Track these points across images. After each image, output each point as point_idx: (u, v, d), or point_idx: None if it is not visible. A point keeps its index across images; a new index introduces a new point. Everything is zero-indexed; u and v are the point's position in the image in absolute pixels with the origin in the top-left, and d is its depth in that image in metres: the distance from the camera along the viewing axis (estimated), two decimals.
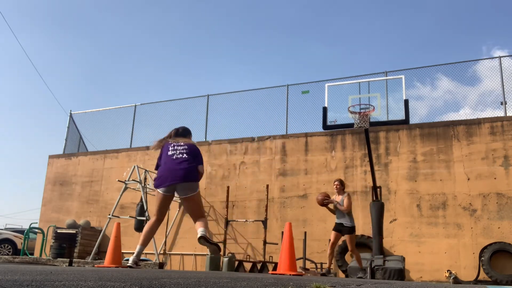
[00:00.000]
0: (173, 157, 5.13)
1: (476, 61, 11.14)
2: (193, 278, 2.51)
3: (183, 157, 5.11)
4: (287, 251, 5.10)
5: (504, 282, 8.56)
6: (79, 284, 1.78)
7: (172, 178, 5.01)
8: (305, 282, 2.60)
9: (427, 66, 11.18)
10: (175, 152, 5.17)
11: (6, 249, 14.70)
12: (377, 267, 8.11)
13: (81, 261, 8.90)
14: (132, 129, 14.24)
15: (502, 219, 9.27)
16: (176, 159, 5.11)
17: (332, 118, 9.06)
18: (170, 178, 5.03)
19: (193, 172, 5.06)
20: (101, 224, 13.08)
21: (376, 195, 8.89)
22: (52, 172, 14.71)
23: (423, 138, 10.38)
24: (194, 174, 5.07)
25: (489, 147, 9.79)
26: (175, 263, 12.04)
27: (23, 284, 1.68)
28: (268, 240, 10.57)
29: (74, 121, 15.40)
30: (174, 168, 5.05)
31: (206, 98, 13.35)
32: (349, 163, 10.89)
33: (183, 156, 5.12)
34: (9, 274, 2.27)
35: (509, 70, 10.38)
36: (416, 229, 9.86)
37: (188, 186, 5.03)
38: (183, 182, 4.99)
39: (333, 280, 3.48)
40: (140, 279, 2.19)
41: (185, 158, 5.11)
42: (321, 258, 10.36)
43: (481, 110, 10.78)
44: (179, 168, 5.03)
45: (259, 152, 11.93)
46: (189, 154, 5.15)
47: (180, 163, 5.07)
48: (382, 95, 10.10)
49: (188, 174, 5.02)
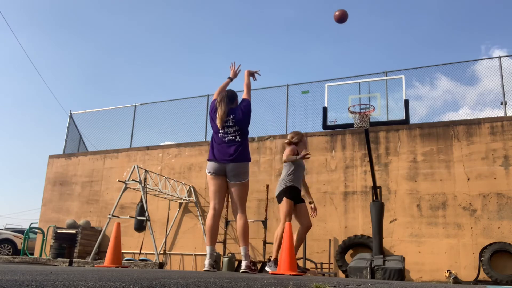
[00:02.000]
0: (225, 140, 4.94)
1: (475, 61, 11.15)
2: (193, 278, 2.51)
3: (236, 140, 4.94)
4: (287, 251, 5.10)
5: (504, 282, 8.56)
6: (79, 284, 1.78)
7: (222, 157, 4.92)
8: (305, 282, 2.60)
9: (426, 66, 11.19)
10: (226, 135, 4.96)
11: (6, 249, 14.70)
12: (377, 267, 8.11)
13: (81, 261, 8.90)
14: (132, 129, 14.25)
15: (502, 219, 9.27)
16: (228, 141, 4.95)
17: (332, 118, 9.06)
18: (220, 157, 4.93)
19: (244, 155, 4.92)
20: (101, 224, 13.08)
21: (376, 195, 8.89)
22: (52, 172, 14.71)
23: (423, 138, 10.38)
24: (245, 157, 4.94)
25: (489, 147, 9.79)
26: (175, 263, 12.04)
27: (23, 284, 1.68)
28: (268, 240, 10.57)
29: (74, 121, 15.41)
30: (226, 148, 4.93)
31: (206, 98, 13.35)
32: (349, 163, 10.89)
33: (236, 139, 4.94)
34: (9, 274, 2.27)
35: (509, 69, 10.38)
36: (416, 229, 9.86)
37: (240, 166, 4.87)
38: (236, 162, 4.86)
39: (333, 280, 3.48)
40: (140, 279, 2.19)
41: (239, 141, 4.93)
42: (321, 258, 10.36)
43: (480, 110, 10.80)
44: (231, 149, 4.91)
45: (259, 152, 11.93)
46: (242, 137, 4.96)
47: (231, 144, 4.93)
48: (382, 95, 10.10)
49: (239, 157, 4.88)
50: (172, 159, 13.04)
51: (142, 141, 14.04)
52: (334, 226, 10.54)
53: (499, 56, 10.56)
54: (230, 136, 4.88)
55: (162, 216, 12.30)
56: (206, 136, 13.03)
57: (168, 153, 13.16)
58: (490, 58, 11.01)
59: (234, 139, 4.87)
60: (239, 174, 4.84)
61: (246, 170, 4.90)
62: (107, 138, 14.62)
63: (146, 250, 12.01)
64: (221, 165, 4.84)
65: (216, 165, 4.87)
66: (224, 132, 4.90)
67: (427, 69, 11.26)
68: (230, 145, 4.84)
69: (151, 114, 14.31)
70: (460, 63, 10.92)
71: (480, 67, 11.09)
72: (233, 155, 4.80)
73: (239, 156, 4.80)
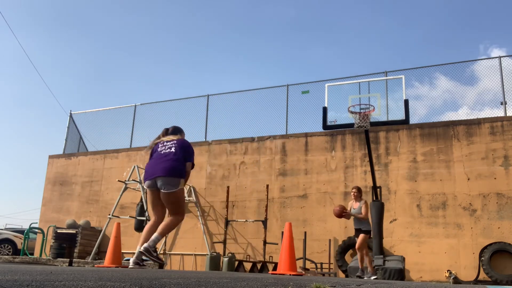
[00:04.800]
0: (161, 152, 5.01)
1: (474, 61, 11.15)
2: (193, 278, 2.51)
3: (170, 151, 4.96)
4: (287, 251, 5.10)
5: (504, 282, 8.56)
6: (79, 284, 1.78)
7: (153, 172, 4.88)
8: (305, 282, 2.60)
9: (426, 66, 11.20)
10: (163, 148, 5.05)
11: (6, 249, 14.70)
12: (377, 267, 8.11)
13: (81, 261, 8.91)
14: (132, 129, 14.24)
15: (502, 219, 9.27)
16: (163, 154, 4.98)
17: (332, 118, 9.06)
18: (151, 172, 4.90)
19: (176, 167, 4.85)
20: (101, 224, 13.09)
21: (376, 195, 8.89)
22: (52, 172, 14.71)
23: (423, 138, 10.38)
24: (177, 169, 4.85)
25: (489, 147, 9.79)
26: (175, 263, 12.04)
27: (23, 284, 1.68)
28: (268, 240, 10.57)
29: (74, 121, 15.41)
30: (159, 162, 4.92)
31: (206, 98, 13.35)
32: (349, 163, 10.89)
33: (170, 151, 4.97)
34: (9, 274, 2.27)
35: (508, 69, 10.38)
36: (416, 229, 9.86)
37: (169, 181, 4.80)
38: (164, 176, 4.80)
39: (333, 280, 3.48)
40: (140, 279, 2.19)
41: (173, 152, 4.95)
42: (321, 258, 10.36)
43: (479, 110, 10.81)
44: (163, 161, 4.89)
45: (259, 152, 11.93)
46: (177, 149, 4.97)
47: (166, 156, 4.93)
48: (382, 95, 10.10)
49: (171, 169, 4.82)
50: None
51: (142, 141, 14.05)
52: (334, 226, 10.54)
53: (499, 56, 10.56)
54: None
55: None
56: (206, 136, 13.03)
57: None
58: (490, 58, 11.02)
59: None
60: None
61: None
62: (107, 138, 14.63)
63: None
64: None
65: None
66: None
67: (426, 69, 11.27)
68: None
69: (151, 114, 14.31)
70: (460, 63, 10.93)
71: (479, 67, 11.11)
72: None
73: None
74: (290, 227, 5.34)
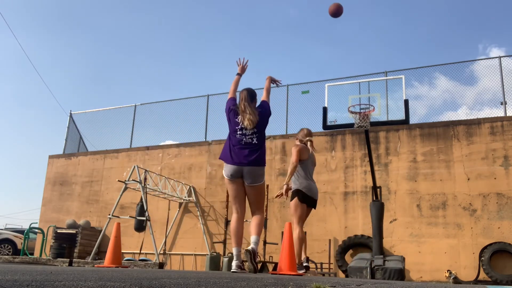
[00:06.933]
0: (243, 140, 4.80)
1: (474, 61, 11.16)
2: (193, 278, 2.51)
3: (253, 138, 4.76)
4: (287, 251, 5.09)
5: (504, 282, 8.56)
6: (79, 284, 1.78)
7: (239, 160, 4.73)
8: (305, 282, 2.60)
9: (426, 66, 11.20)
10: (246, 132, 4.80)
11: (6, 249, 14.70)
12: (377, 267, 8.11)
13: (81, 261, 8.91)
14: (132, 129, 14.25)
15: (502, 219, 9.27)
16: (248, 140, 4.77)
17: (332, 118, 9.06)
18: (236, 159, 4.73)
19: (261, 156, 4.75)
20: (101, 224, 13.08)
21: (376, 195, 8.89)
22: (52, 172, 14.71)
23: (423, 138, 10.38)
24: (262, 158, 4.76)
25: (489, 147, 9.79)
26: (175, 263, 12.04)
27: (23, 284, 1.68)
28: (268, 240, 10.57)
29: (74, 121, 15.41)
30: (243, 149, 4.75)
31: (206, 98, 13.35)
32: (349, 163, 10.89)
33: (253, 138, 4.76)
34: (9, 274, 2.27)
35: (508, 69, 10.38)
36: (416, 229, 9.86)
37: (256, 170, 4.71)
38: (251, 166, 4.70)
39: (333, 280, 3.48)
40: (140, 279, 2.19)
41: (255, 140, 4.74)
42: (321, 258, 10.36)
43: (478, 109, 10.81)
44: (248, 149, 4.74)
45: None
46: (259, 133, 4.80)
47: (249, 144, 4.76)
48: (382, 95, 10.10)
49: (256, 159, 4.71)
50: (172, 159, 13.04)
51: (142, 141, 14.05)
52: (334, 226, 10.54)
53: (499, 56, 10.56)
54: (247, 138, 4.73)
55: (162, 216, 12.29)
56: (206, 136, 13.03)
57: (168, 153, 13.16)
58: (490, 58, 11.02)
59: (251, 141, 4.72)
60: (256, 176, 4.72)
61: (262, 173, 4.79)
62: (107, 138, 14.63)
63: (146, 250, 12.01)
64: (238, 168, 4.69)
65: (234, 168, 4.71)
66: (242, 133, 4.74)
67: (426, 69, 11.27)
68: (247, 148, 4.69)
69: (151, 114, 14.32)
70: (459, 63, 10.94)
71: (479, 66, 11.11)
72: (249, 157, 4.65)
73: (255, 160, 4.66)
74: (290, 227, 5.33)
